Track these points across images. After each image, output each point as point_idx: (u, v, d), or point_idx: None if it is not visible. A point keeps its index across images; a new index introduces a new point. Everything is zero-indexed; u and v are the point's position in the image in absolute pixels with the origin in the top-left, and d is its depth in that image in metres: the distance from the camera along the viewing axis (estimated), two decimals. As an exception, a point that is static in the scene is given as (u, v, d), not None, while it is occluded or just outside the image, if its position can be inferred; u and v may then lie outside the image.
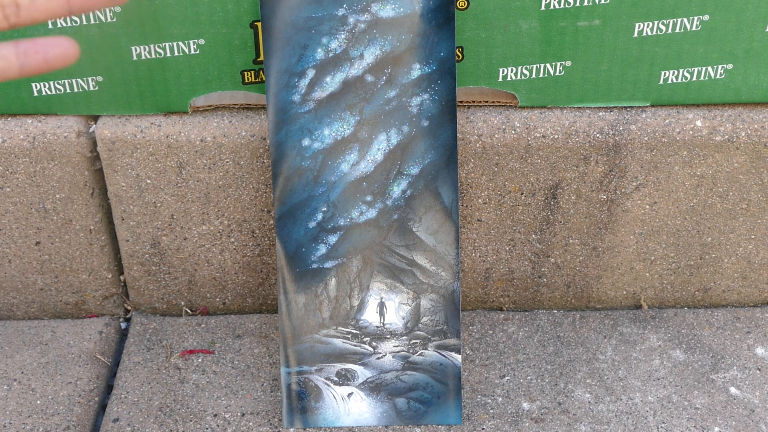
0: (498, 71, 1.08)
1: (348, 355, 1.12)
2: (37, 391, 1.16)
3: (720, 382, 1.18)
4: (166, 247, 1.21)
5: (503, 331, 1.26)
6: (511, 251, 1.23)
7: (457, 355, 1.11)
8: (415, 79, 1.04)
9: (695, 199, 1.18)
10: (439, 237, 1.09)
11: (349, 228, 1.08)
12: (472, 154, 1.13)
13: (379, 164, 1.07)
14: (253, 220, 1.18)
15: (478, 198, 1.17)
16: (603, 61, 1.08)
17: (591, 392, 1.17)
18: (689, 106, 1.13)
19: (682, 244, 1.23)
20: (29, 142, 1.11)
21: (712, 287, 1.28)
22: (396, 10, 1.02)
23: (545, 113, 1.12)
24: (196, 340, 1.25)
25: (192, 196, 1.16)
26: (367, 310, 1.11)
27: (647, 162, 1.14)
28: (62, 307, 1.28)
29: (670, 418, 1.13)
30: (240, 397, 1.16)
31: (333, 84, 1.04)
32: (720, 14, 1.04)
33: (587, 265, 1.25)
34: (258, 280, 1.25)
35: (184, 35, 1.04)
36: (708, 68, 1.09)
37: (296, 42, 1.03)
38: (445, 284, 1.10)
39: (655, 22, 1.05)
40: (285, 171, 1.06)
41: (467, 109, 1.12)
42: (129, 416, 1.13)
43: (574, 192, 1.17)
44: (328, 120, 1.05)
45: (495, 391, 1.17)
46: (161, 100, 1.09)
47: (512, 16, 1.04)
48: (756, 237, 1.22)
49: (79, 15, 1.03)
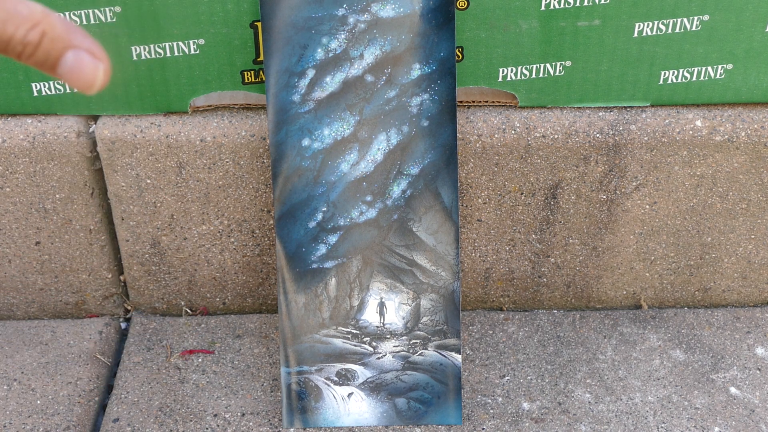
0: (498, 71, 1.08)
1: (348, 355, 1.12)
2: (37, 391, 1.16)
3: (720, 382, 1.18)
4: (166, 247, 1.21)
5: (503, 331, 1.26)
6: (511, 251, 1.23)
7: (457, 355, 1.11)
8: (415, 79, 1.04)
9: (695, 199, 1.18)
10: (439, 237, 1.09)
11: (349, 228, 1.08)
12: (472, 154, 1.13)
13: (379, 164, 1.07)
14: (253, 220, 1.18)
15: (478, 198, 1.17)
16: (603, 61, 1.08)
17: (591, 392, 1.17)
18: (689, 106, 1.13)
19: (682, 244, 1.23)
20: (29, 142, 1.11)
21: (712, 287, 1.28)
22: (396, 10, 1.02)
23: (545, 113, 1.12)
24: (196, 340, 1.25)
25: (192, 196, 1.16)
26: (367, 310, 1.11)
27: (647, 162, 1.14)
28: (62, 307, 1.28)
29: (670, 418, 1.13)
30: (240, 397, 1.16)
31: (333, 84, 1.04)
32: (720, 14, 1.04)
33: (587, 265, 1.25)
34: (258, 280, 1.25)
35: (184, 35, 1.04)
36: (708, 68, 1.08)
37: (296, 42, 1.03)
38: (445, 284, 1.10)
39: (655, 22, 1.05)
40: (285, 171, 1.06)
41: (467, 109, 1.12)
42: (129, 416, 1.13)
43: (574, 192, 1.17)
44: (328, 120, 1.05)
45: (495, 391, 1.17)
46: (161, 100, 1.09)
47: (512, 16, 1.04)
48: (756, 237, 1.22)
49: (79, 15, 1.03)
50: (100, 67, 0.36)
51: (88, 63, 0.36)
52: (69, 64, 0.36)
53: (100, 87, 0.37)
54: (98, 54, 0.36)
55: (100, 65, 0.36)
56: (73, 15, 1.02)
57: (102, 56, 0.37)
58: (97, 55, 0.36)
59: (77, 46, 0.36)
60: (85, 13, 1.02)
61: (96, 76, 0.36)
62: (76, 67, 0.36)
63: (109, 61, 0.37)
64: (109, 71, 0.37)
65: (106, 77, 0.37)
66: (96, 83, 0.36)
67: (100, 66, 0.36)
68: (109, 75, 0.37)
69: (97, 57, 0.36)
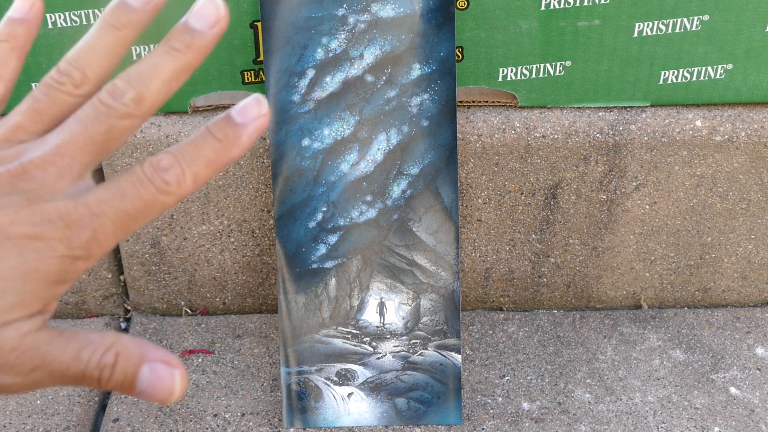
0: (498, 71, 1.08)
1: (348, 355, 1.12)
2: (37, 391, 1.16)
3: (720, 382, 1.18)
4: (166, 247, 1.21)
5: (503, 331, 1.26)
6: (511, 251, 1.23)
7: (457, 355, 1.11)
8: (415, 79, 1.04)
9: (695, 199, 1.18)
10: (439, 237, 1.09)
11: (349, 228, 1.08)
12: (472, 154, 1.13)
13: (378, 164, 1.07)
14: (253, 220, 1.18)
15: (478, 198, 1.17)
16: (603, 61, 1.08)
17: (591, 392, 1.17)
18: (689, 106, 1.13)
19: (682, 244, 1.23)
20: (29, 142, 1.11)
21: (712, 287, 1.28)
22: (396, 10, 1.02)
23: (545, 113, 1.12)
24: (196, 340, 1.25)
25: (192, 196, 1.16)
26: (367, 310, 1.11)
27: (647, 162, 1.14)
28: (62, 307, 1.28)
29: (670, 418, 1.13)
30: (240, 397, 1.16)
31: (333, 84, 1.04)
32: (720, 14, 1.04)
33: (587, 265, 1.25)
34: (258, 280, 1.25)
35: (184, 35, 1.04)
36: (708, 68, 1.08)
37: (296, 42, 1.03)
38: (445, 284, 1.10)
39: (655, 22, 1.05)
40: (285, 171, 1.06)
41: (467, 109, 1.12)
42: (129, 416, 1.13)
43: (574, 192, 1.17)
44: (328, 120, 1.05)
45: (495, 391, 1.17)
46: (161, 100, 1.09)
47: (512, 16, 1.04)
48: (756, 237, 1.22)
49: (79, 15, 1.03)
50: (176, 374, 0.36)
51: (164, 374, 0.36)
52: (146, 379, 0.36)
53: (180, 394, 0.37)
54: (173, 362, 0.37)
55: (176, 372, 0.36)
56: (73, 15, 1.02)
57: (176, 363, 0.37)
58: (171, 363, 0.36)
59: (151, 359, 0.36)
60: (85, 13, 1.02)
61: (174, 385, 0.36)
62: (154, 380, 0.36)
63: (184, 367, 0.37)
64: (186, 375, 0.37)
65: (183, 383, 0.37)
66: (175, 391, 0.36)
67: (176, 373, 0.36)
68: (186, 379, 0.37)
69: (172, 365, 0.36)
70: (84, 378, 0.35)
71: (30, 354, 0.34)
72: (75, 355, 0.35)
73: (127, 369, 0.35)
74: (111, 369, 0.35)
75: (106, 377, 0.35)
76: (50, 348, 0.34)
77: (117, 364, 0.35)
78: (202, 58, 0.38)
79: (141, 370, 0.35)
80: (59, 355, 0.34)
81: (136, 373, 0.35)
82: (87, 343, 0.35)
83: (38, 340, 0.34)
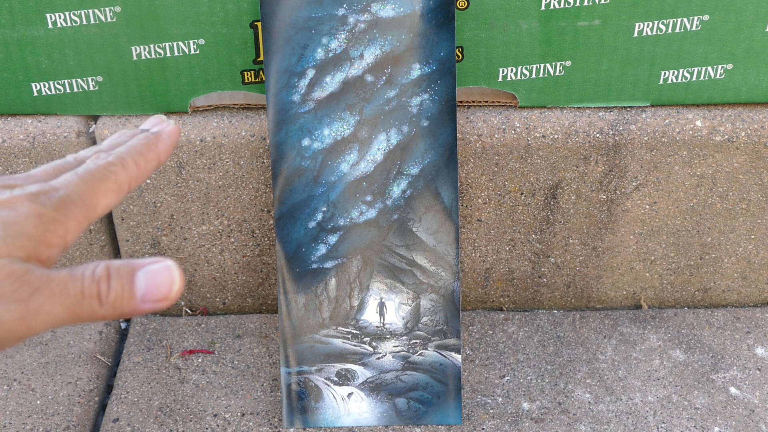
0: (498, 71, 1.08)
1: (348, 355, 1.12)
2: (37, 391, 1.16)
3: (720, 382, 1.18)
4: (166, 247, 1.21)
5: (503, 331, 1.26)
6: (511, 251, 1.23)
7: (457, 355, 1.11)
8: (415, 79, 1.04)
9: (695, 199, 1.18)
10: (439, 237, 1.09)
11: (349, 228, 1.08)
12: (472, 154, 1.13)
13: (378, 164, 1.07)
14: (253, 220, 1.18)
15: (478, 198, 1.17)
16: (603, 61, 1.08)
17: (591, 392, 1.17)
18: (689, 106, 1.13)
19: (682, 244, 1.23)
20: (29, 142, 1.11)
21: (712, 287, 1.28)
22: (396, 10, 1.02)
23: (545, 113, 1.12)
24: (196, 340, 1.25)
25: (192, 196, 1.16)
26: (367, 310, 1.11)
27: (647, 162, 1.14)
28: (62, 307, 1.28)
29: (670, 418, 1.13)
30: (240, 397, 1.16)
31: (333, 84, 1.04)
32: (720, 14, 1.04)
33: (587, 265, 1.25)
34: (258, 280, 1.25)
35: (184, 35, 1.04)
36: (708, 68, 1.09)
37: (296, 42, 1.03)
38: (445, 284, 1.10)
39: (655, 22, 1.05)
40: (285, 171, 1.06)
41: (467, 109, 1.12)
42: (129, 416, 1.13)
43: (574, 192, 1.17)
44: (328, 120, 1.05)
45: (495, 391, 1.17)
46: (161, 100, 1.09)
47: (512, 16, 1.04)
48: (756, 237, 1.22)
49: (79, 15, 1.03)
50: (170, 265, 0.37)
51: (158, 270, 0.37)
52: (144, 282, 0.37)
53: (181, 283, 0.38)
54: (161, 259, 0.38)
55: (169, 264, 0.37)
56: (73, 15, 1.02)
57: (165, 258, 0.38)
58: (160, 260, 0.38)
59: (141, 266, 0.37)
60: (85, 13, 1.02)
61: (172, 274, 0.37)
62: (152, 279, 0.37)
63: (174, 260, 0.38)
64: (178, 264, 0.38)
65: (180, 271, 0.38)
66: (176, 281, 0.37)
67: (170, 264, 0.37)
68: (180, 267, 0.38)
69: (162, 261, 0.37)
70: (84, 297, 0.36)
71: (26, 278, 0.35)
72: (69, 273, 0.36)
73: (122, 279, 0.37)
74: (107, 282, 0.37)
75: (104, 292, 0.36)
76: (45, 272, 0.36)
77: (111, 276, 0.37)
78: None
79: (136, 276, 0.37)
80: (55, 275, 0.36)
81: (133, 280, 0.37)
82: (78, 265, 0.37)
83: (31, 267, 0.36)
